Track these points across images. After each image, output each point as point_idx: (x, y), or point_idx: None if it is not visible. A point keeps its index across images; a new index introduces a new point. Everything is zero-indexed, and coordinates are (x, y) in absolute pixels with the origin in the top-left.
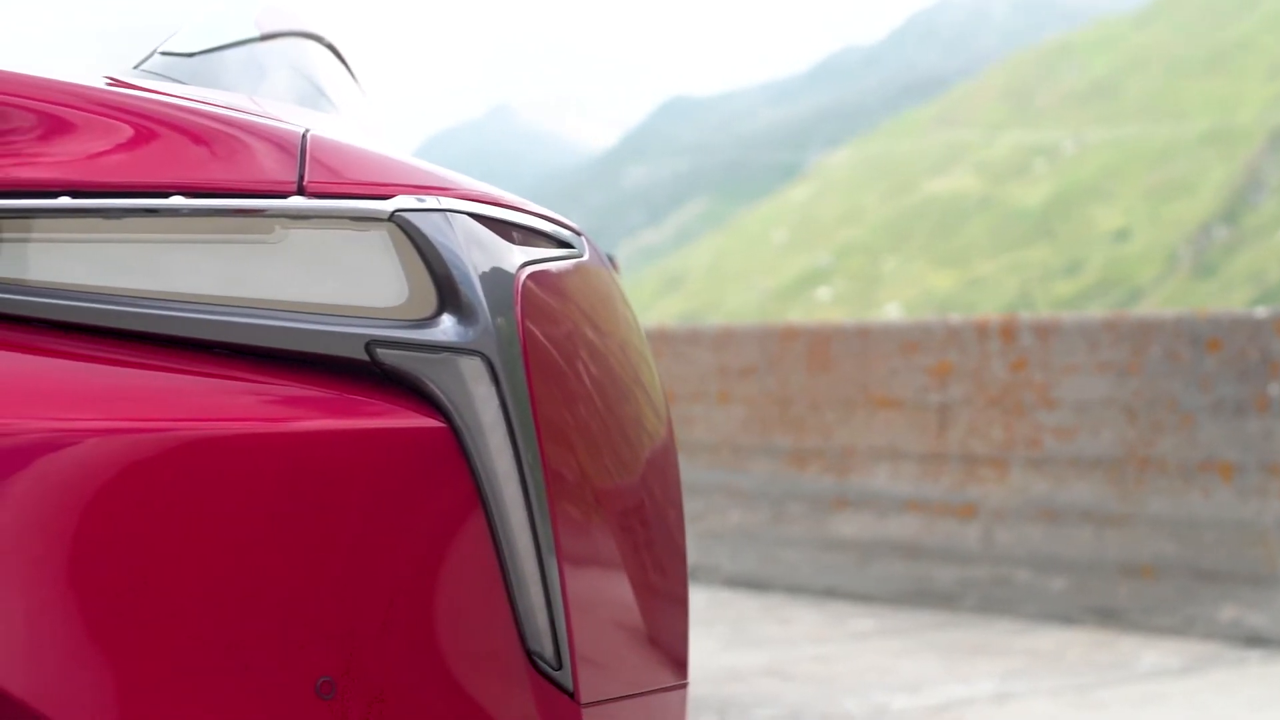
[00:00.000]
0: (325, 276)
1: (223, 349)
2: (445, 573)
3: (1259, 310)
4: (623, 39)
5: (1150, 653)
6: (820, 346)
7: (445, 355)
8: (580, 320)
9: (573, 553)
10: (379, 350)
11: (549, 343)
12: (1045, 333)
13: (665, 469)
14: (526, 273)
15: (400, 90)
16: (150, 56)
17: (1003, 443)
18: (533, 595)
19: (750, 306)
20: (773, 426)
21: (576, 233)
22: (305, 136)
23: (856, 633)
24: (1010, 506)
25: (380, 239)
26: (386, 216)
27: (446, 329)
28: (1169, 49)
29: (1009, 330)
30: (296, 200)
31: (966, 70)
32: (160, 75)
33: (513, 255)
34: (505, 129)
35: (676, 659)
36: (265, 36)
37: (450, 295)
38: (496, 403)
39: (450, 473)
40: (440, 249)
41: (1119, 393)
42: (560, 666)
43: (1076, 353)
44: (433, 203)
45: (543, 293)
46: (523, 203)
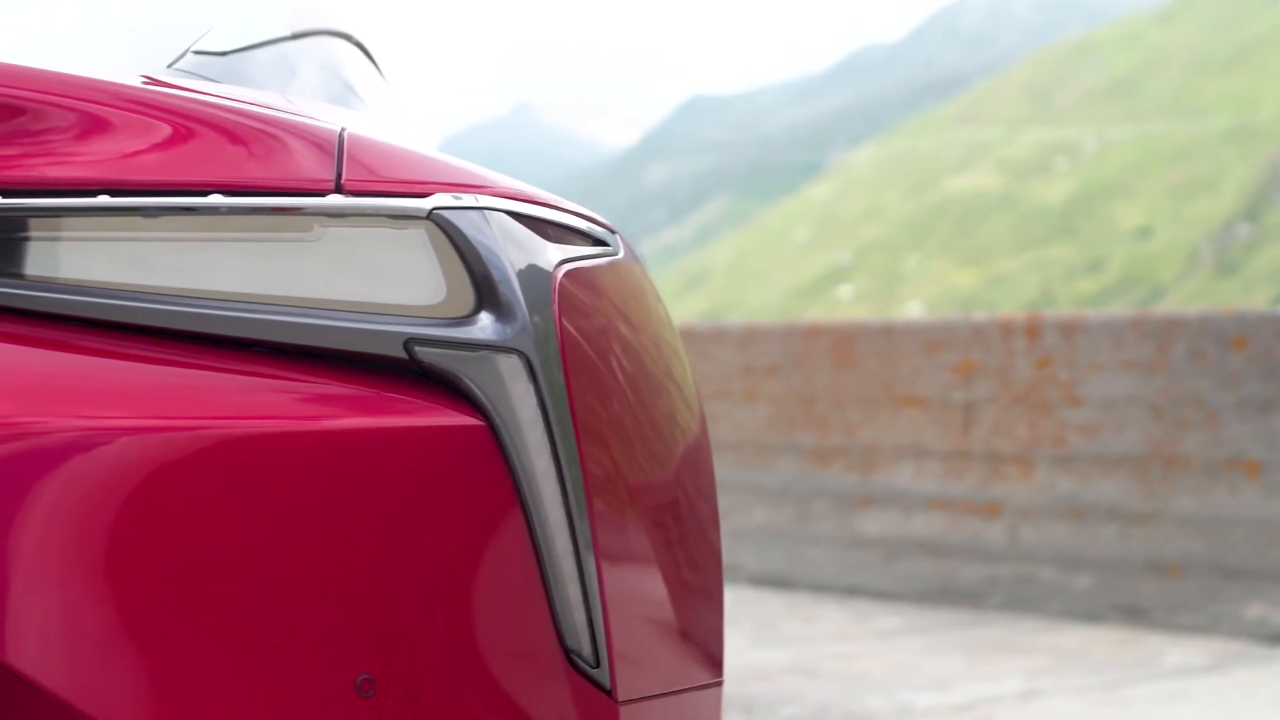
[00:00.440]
0: (363, 274)
1: (261, 347)
2: (483, 571)
3: None
4: (645, 38)
5: (1176, 651)
6: (845, 345)
7: (483, 353)
8: (616, 318)
9: (610, 550)
10: (417, 348)
11: (586, 341)
12: (1070, 330)
13: (699, 465)
14: (564, 271)
15: (422, 89)
16: (184, 55)
17: (1028, 441)
18: (570, 593)
19: (771, 305)
20: (797, 424)
21: (611, 230)
22: (342, 134)
23: (881, 631)
24: (1035, 504)
25: (418, 237)
26: (424, 215)
27: (485, 327)
28: (1190, 46)
29: (1034, 328)
30: (334, 198)
31: (988, 68)
32: (193, 74)
33: (550, 253)
34: (527, 128)
35: (712, 657)
36: (296, 35)
37: (488, 293)
38: (534, 401)
39: (488, 471)
40: (478, 247)
41: (1144, 390)
42: (598, 664)
43: (1101, 350)
44: (470, 201)
45: (580, 291)
46: (559, 200)
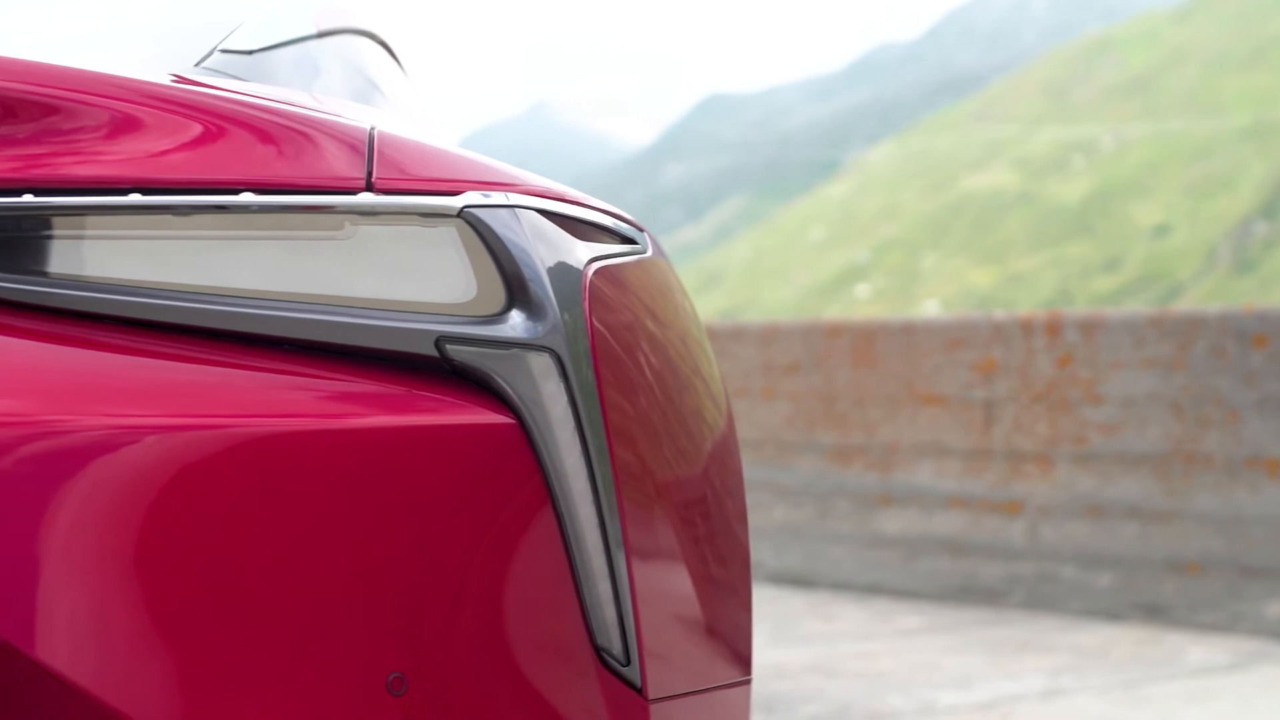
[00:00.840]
0: (394, 272)
1: (292, 346)
2: (514, 568)
3: None
4: (662, 36)
5: (1197, 649)
6: (865, 343)
7: (514, 351)
8: (645, 315)
9: (640, 548)
10: (448, 346)
11: (616, 338)
12: (1091, 329)
13: (727, 461)
14: (594, 269)
15: (439, 88)
16: (211, 54)
17: (1048, 439)
18: (601, 591)
19: (788, 303)
20: (817, 423)
21: (639, 228)
22: (373, 133)
23: (902, 629)
24: (1056, 503)
25: (449, 235)
26: (455, 212)
27: (515, 325)
28: (1208, 43)
29: (1054, 326)
30: (365, 196)
31: (1005, 66)
32: (220, 72)
33: (579, 251)
34: (544, 126)
35: (740, 655)
36: (322, 34)
37: (519, 291)
38: (565, 398)
39: (519, 468)
40: (509, 245)
41: (1165, 388)
42: (628, 662)
43: (1122, 349)
44: (501, 199)
45: (610, 288)
46: (588, 198)
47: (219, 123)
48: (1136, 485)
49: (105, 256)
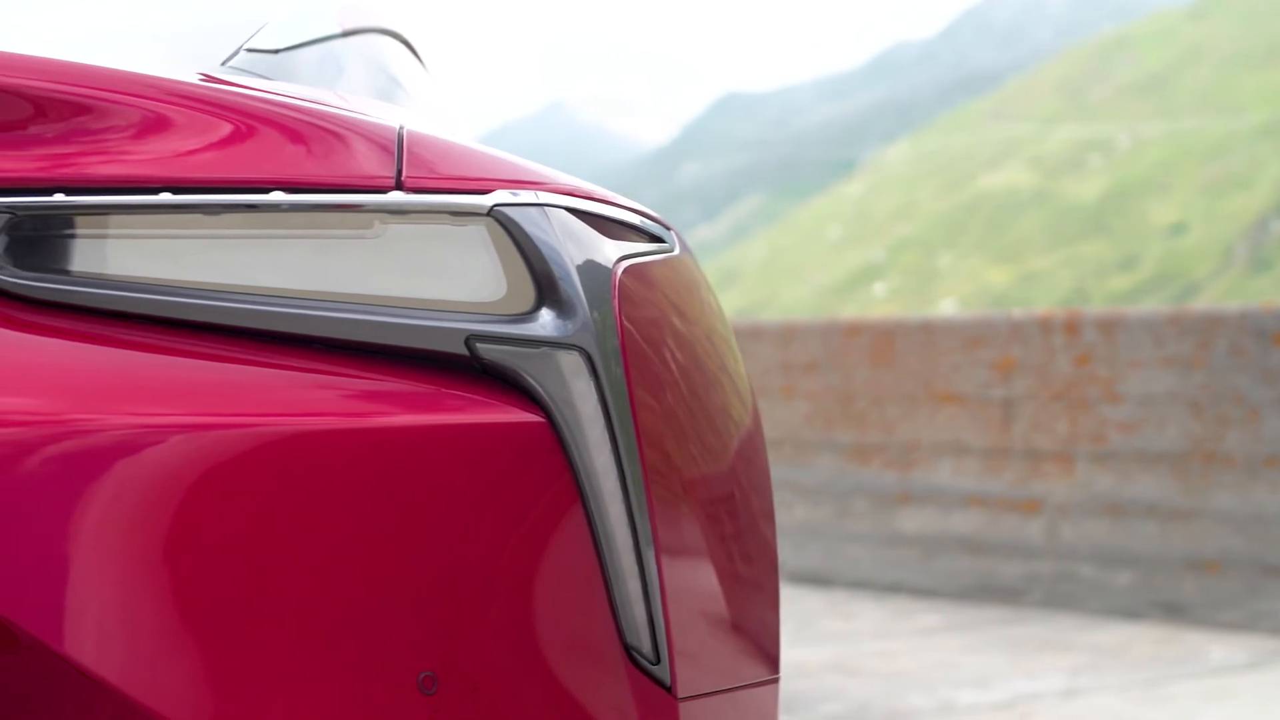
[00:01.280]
0: (424, 271)
1: (322, 344)
2: (544, 567)
3: None
4: (678, 35)
5: (1216, 648)
6: (883, 342)
7: (544, 350)
8: (673, 313)
9: (670, 546)
10: (479, 345)
11: (645, 337)
12: (1109, 327)
13: (753, 458)
14: (623, 267)
15: (455, 87)
16: (237, 53)
17: (1067, 437)
18: (630, 589)
19: (805, 303)
20: (836, 422)
21: (666, 226)
22: (402, 131)
23: (921, 628)
24: (1075, 501)
25: (479, 234)
26: (485, 211)
27: (545, 324)
28: (1224, 42)
29: (1073, 325)
30: (395, 195)
31: (1020, 64)
32: (247, 71)
33: (608, 250)
34: (560, 125)
35: (768, 653)
36: (346, 33)
37: (549, 290)
38: (595, 397)
39: (549, 467)
40: (538, 243)
41: (1184, 387)
42: (658, 661)
43: (1141, 347)
44: (530, 197)
45: (639, 287)
46: (616, 197)
47: (249, 122)
48: (1156, 484)
49: (136, 255)
